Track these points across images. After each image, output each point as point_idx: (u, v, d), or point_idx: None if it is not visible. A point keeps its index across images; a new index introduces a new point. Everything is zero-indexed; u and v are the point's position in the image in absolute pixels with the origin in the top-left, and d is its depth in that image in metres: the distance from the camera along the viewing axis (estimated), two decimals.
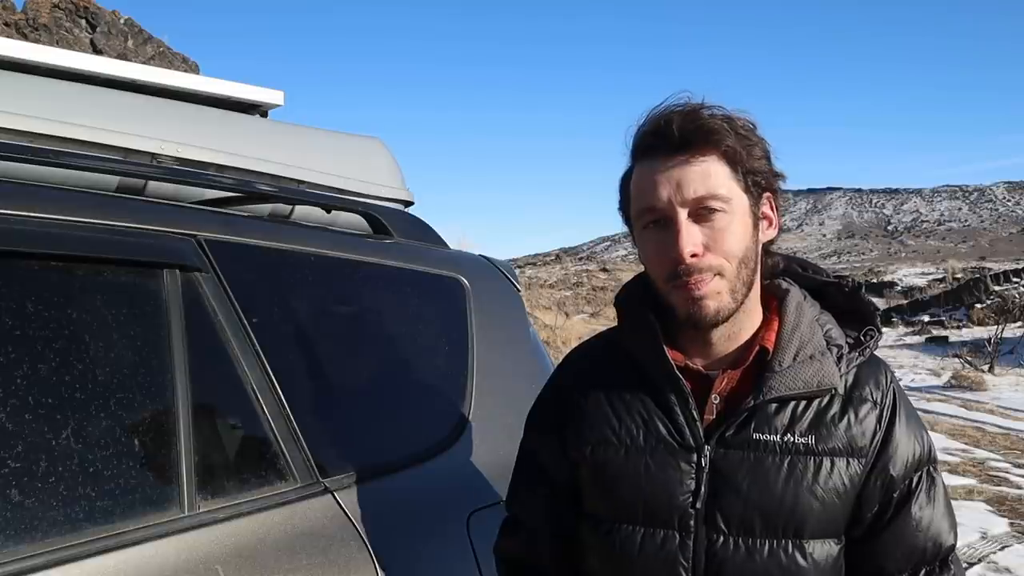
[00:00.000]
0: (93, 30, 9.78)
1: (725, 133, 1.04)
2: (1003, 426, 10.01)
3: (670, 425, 1.10)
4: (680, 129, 1.03)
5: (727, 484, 1.06)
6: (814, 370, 1.07)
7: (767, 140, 1.10)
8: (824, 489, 1.05)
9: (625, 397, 1.14)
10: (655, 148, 1.06)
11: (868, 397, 1.09)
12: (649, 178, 1.06)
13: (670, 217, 1.04)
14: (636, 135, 1.09)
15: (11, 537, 1.03)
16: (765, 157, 1.08)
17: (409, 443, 1.63)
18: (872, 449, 1.07)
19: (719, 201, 1.03)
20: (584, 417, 1.16)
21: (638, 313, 1.16)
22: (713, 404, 1.10)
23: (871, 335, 1.13)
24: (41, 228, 1.22)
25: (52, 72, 1.86)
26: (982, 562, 4.73)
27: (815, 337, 1.11)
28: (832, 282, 1.19)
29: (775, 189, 1.11)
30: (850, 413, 1.08)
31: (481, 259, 2.14)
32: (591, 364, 1.22)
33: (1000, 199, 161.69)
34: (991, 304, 25.28)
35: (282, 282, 1.58)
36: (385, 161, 2.26)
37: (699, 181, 1.03)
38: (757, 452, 1.06)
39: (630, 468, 1.10)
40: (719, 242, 1.04)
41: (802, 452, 1.05)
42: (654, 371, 1.12)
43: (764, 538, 1.05)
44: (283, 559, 1.26)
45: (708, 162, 1.04)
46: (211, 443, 1.33)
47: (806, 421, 1.07)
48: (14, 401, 1.09)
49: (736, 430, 1.07)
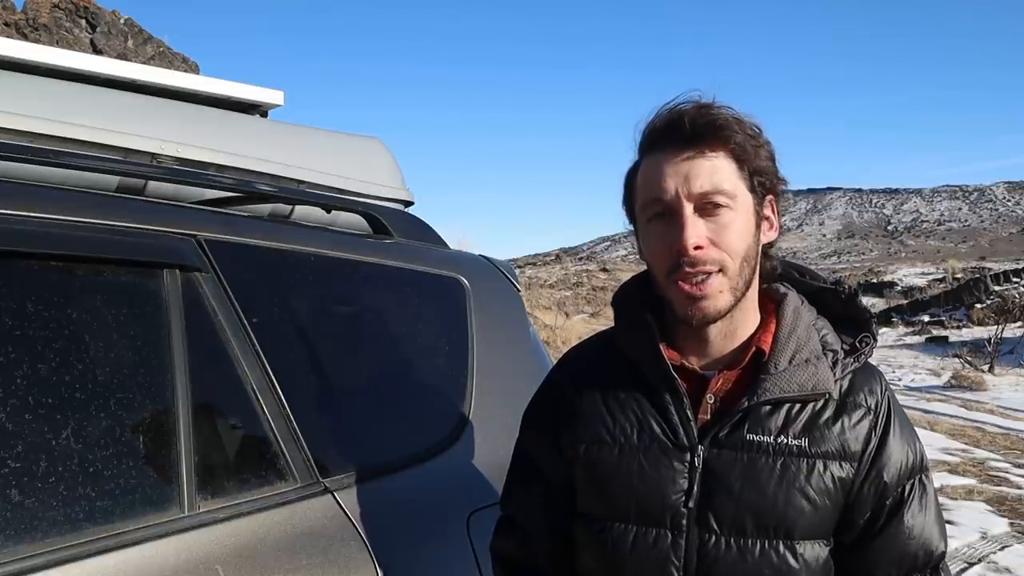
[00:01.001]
0: (93, 30, 9.78)
1: (735, 131, 1.05)
2: (1003, 426, 10.01)
3: (664, 424, 1.10)
4: (692, 123, 1.04)
5: (720, 484, 1.06)
6: (809, 374, 1.08)
7: (772, 143, 1.11)
8: (816, 491, 1.05)
9: (620, 396, 1.14)
10: (665, 141, 1.06)
11: (862, 403, 1.10)
12: (658, 170, 1.06)
13: (676, 210, 1.04)
14: (646, 129, 1.10)
15: (11, 537, 1.03)
16: (771, 159, 1.10)
17: (409, 443, 1.63)
18: (867, 455, 1.08)
19: (725, 197, 1.04)
20: (579, 415, 1.17)
21: (635, 312, 1.16)
22: (708, 404, 1.10)
23: (866, 342, 1.13)
24: (41, 228, 1.22)
25: (52, 72, 1.86)
26: (982, 562, 4.73)
27: (811, 341, 1.12)
28: (829, 288, 1.20)
29: (778, 192, 1.12)
30: (844, 418, 1.08)
31: (481, 259, 2.14)
32: (587, 363, 1.23)
33: (1000, 199, 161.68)
34: (991, 304, 25.28)
35: (282, 282, 1.58)
36: (385, 161, 2.26)
37: (707, 176, 1.04)
38: (750, 453, 1.06)
39: (623, 467, 1.11)
40: (723, 237, 1.04)
41: (795, 454, 1.06)
42: (650, 370, 1.13)
43: (755, 538, 1.05)
44: (283, 559, 1.26)
45: (717, 158, 1.04)
46: (211, 443, 1.33)
47: (800, 424, 1.07)
48: (14, 401, 1.09)
49: (730, 430, 1.08)
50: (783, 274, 1.20)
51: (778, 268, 1.18)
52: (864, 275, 49.88)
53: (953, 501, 6.15)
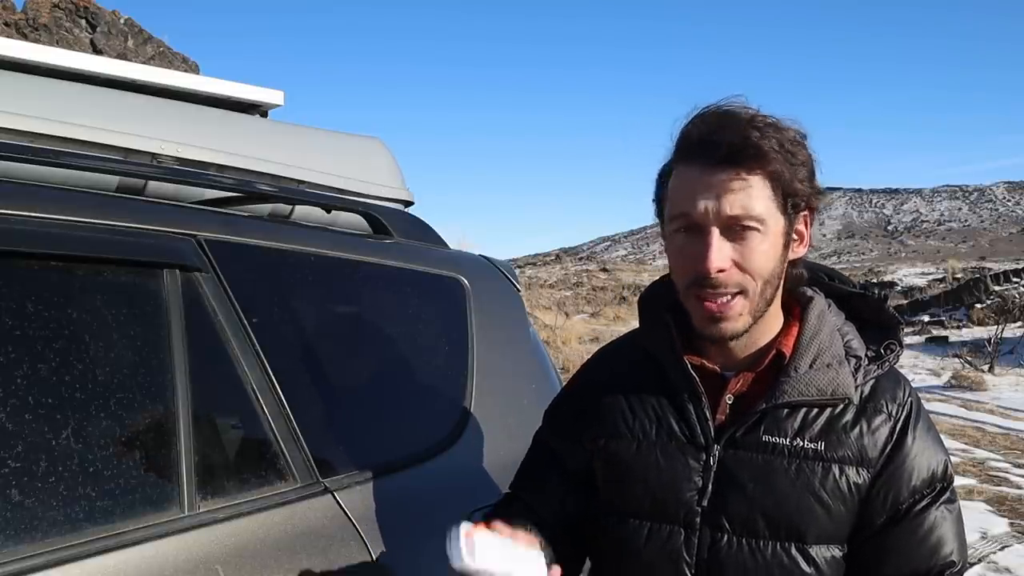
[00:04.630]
0: (93, 30, 9.78)
1: (773, 155, 1.01)
2: (1003, 426, 10.01)
3: (682, 423, 1.11)
4: (730, 145, 1.00)
5: (733, 483, 1.07)
6: (829, 378, 1.07)
7: (814, 154, 1.07)
8: (830, 495, 1.04)
9: (641, 393, 1.16)
10: (701, 155, 1.03)
11: (883, 409, 1.08)
12: (689, 185, 1.04)
13: (703, 228, 1.03)
14: (683, 134, 1.07)
15: (11, 537, 1.03)
16: (810, 176, 1.06)
17: (409, 443, 1.63)
18: (882, 460, 1.06)
19: (755, 221, 1.02)
20: (601, 410, 1.19)
21: (656, 313, 1.18)
22: (726, 404, 1.10)
23: (891, 348, 1.12)
24: (41, 228, 1.22)
25: (52, 72, 1.86)
26: (982, 562, 4.73)
27: (834, 346, 1.11)
28: (858, 293, 1.19)
29: (814, 207, 1.09)
30: (863, 423, 1.07)
31: (481, 259, 2.14)
32: (613, 361, 1.26)
33: (1000, 199, 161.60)
34: (991, 304, 25.27)
35: (282, 282, 1.58)
36: (385, 161, 2.26)
37: (739, 200, 1.01)
38: (765, 454, 1.06)
39: (641, 462, 1.12)
40: (748, 261, 1.03)
41: (811, 457, 1.05)
42: (670, 369, 1.14)
43: (767, 539, 1.05)
44: (283, 559, 1.26)
45: (751, 181, 1.01)
46: (211, 443, 1.33)
47: (817, 427, 1.07)
48: (14, 401, 1.09)
49: (746, 431, 1.08)
50: (811, 278, 1.19)
51: (804, 275, 1.16)
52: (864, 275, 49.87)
53: None
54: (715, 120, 1.04)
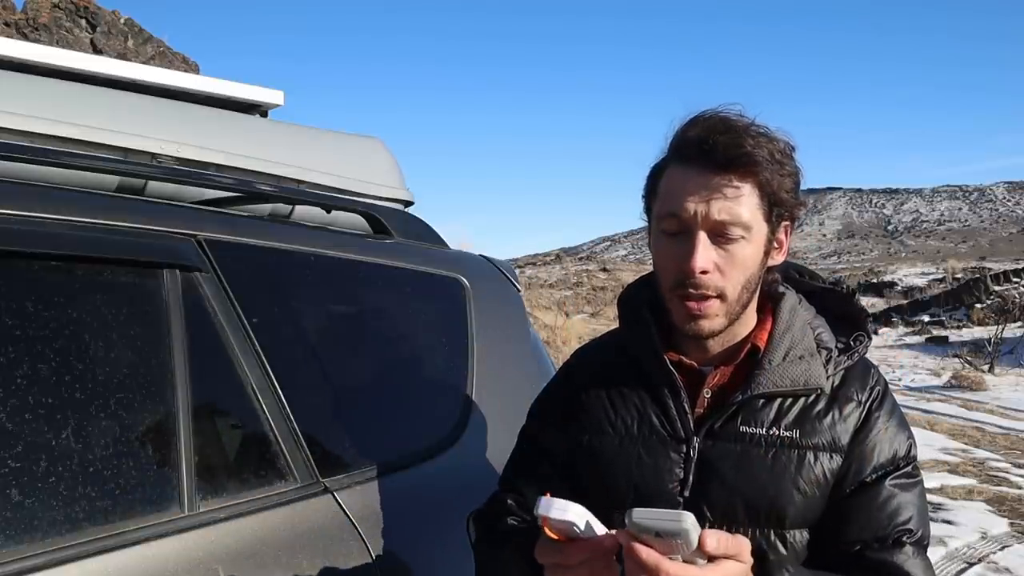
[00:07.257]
0: (93, 30, 9.78)
1: (765, 165, 1.05)
2: (1003, 426, 10.01)
3: (663, 417, 1.15)
4: (725, 150, 1.04)
5: (713, 473, 1.10)
6: (802, 370, 1.12)
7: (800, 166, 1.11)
8: (806, 481, 1.08)
9: (623, 389, 1.20)
10: (695, 158, 1.06)
11: (853, 397, 1.13)
12: (681, 187, 1.07)
13: (690, 231, 1.06)
14: (679, 135, 1.10)
15: (11, 537, 1.03)
16: (795, 187, 1.10)
17: (409, 443, 1.63)
18: (850, 442, 1.11)
19: (741, 228, 1.06)
20: (584, 406, 1.22)
21: (637, 312, 1.22)
22: (704, 398, 1.15)
23: (860, 340, 1.17)
24: (41, 228, 1.22)
25: (52, 72, 1.86)
26: (982, 562, 4.74)
27: (806, 339, 1.16)
28: (827, 288, 1.24)
29: (795, 218, 1.14)
30: (835, 411, 1.12)
31: (481, 259, 2.14)
32: (595, 358, 1.29)
33: (1000, 199, 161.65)
34: (991, 304, 25.28)
35: (282, 282, 1.58)
36: (385, 161, 2.26)
37: (728, 206, 1.05)
38: (743, 444, 1.10)
39: (624, 457, 1.15)
40: (730, 267, 1.07)
41: (786, 445, 1.10)
42: (649, 366, 1.17)
43: (746, 525, 1.08)
44: (283, 559, 1.26)
45: (741, 188, 1.05)
46: (211, 443, 1.33)
47: (791, 416, 1.11)
48: (14, 401, 1.09)
49: (724, 422, 1.12)
50: (784, 275, 1.23)
51: (778, 280, 1.21)
52: (864, 275, 49.86)
53: (953, 501, 6.16)
54: (712, 125, 1.07)
